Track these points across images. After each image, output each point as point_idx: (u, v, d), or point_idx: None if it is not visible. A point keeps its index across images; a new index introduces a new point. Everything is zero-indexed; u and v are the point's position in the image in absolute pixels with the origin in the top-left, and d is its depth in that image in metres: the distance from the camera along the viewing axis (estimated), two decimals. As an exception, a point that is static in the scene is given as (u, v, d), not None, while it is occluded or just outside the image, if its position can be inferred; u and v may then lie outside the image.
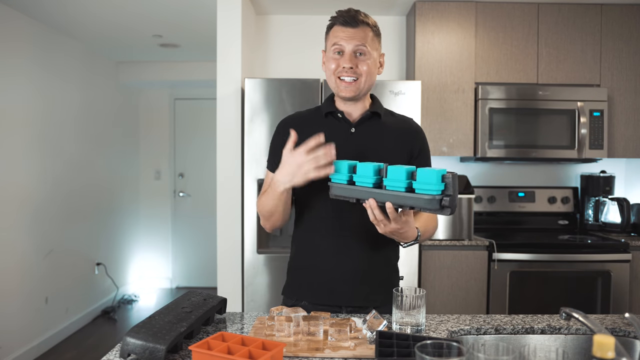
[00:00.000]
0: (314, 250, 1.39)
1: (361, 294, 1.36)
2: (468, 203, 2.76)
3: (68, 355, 3.38)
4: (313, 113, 1.45)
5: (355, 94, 1.34)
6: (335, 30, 1.34)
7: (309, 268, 1.39)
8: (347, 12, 1.34)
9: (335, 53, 1.33)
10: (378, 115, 1.41)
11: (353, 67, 1.31)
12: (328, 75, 1.36)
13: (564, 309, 1.05)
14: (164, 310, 1.10)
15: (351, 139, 1.37)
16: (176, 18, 3.31)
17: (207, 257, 4.90)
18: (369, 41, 1.33)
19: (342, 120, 1.39)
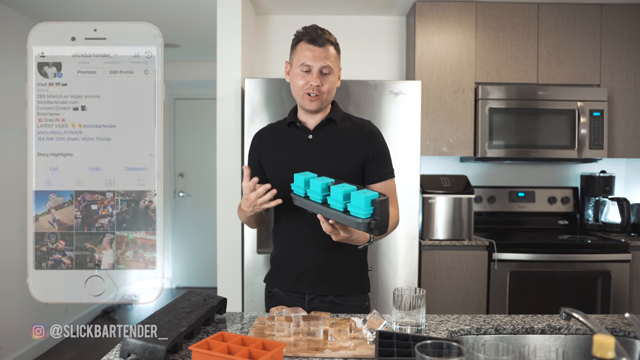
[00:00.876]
0: (280, 242, 1.57)
1: (322, 281, 1.49)
2: (468, 203, 2.76)
3: (68, 355, 3.38)
4: (281, 123, 1.59)
5: (319, 107, 1.48)
6: (302, 47, 1.47)
7: (277, 257, 1.57)
8: (313, 31, 1.47)
9: (302, 71, 1.46)
10: (334, 122, 1.52)
11: (319, 85, 1.44)
12: (295, 89, 1.48)
13: (564, 309, 1.05)
14: (164, 310, 1.10)
15: (309, 145, 1.50)
16: (176, 18, 3.31)
17: (207, 257, 4.90)
18: (332, 60, 1.47)
19: (301, 129, 1.53)
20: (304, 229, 1.48)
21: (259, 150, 1.56)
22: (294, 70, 1.49)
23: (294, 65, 1.50)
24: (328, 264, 1.50)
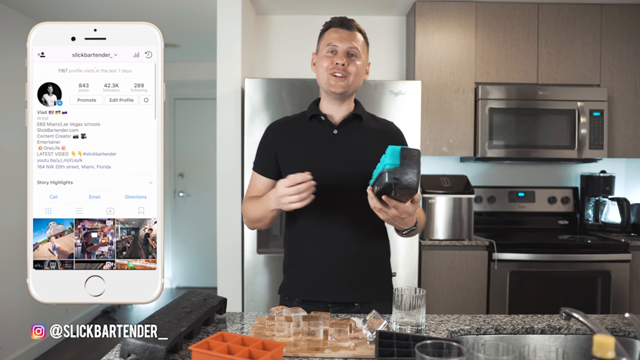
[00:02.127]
0: (300, 249, 1.45)
1: (347, 290, 1.40)
2: (468, 203, 2.76)
3: (68, 355, 3.38)
4: (299, 117, 1.52)
5: (344, 90, 1.39)
6: (329, 32, 1.42)
7: (296, 266, 1.45)
8: (342, 17, 1.44)
9: (328, 52, 1.40)
10: (360, 118, 1.46)
11: (345, 65, 1.37)
12: (320, 72, 1.41)
13: (564, 309, 1.05)
14: (164, 310, 1.10)
15: (333, 140, 1.42)
16: (176, 18, 3.31)
17: (207, 257, 4.90)
18: (360, 45, 1.41)
19: (324, 123, 1.44)
20: (326, 231, 1.40)
21: (275, 144, 1.46)
22: (320, 54, 1.43)
23: (321, 50, 1.43)
24: (354, 269, 1.40)
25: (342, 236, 1.40)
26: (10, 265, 3.08)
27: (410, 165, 1.07)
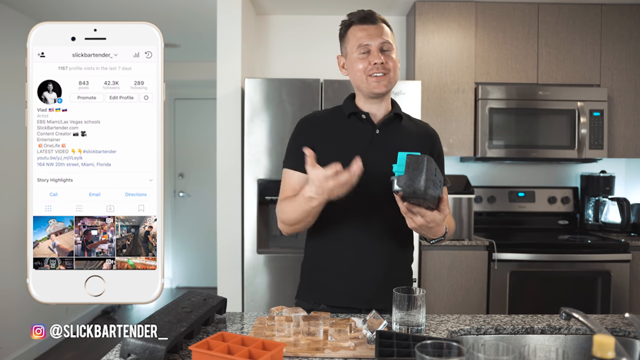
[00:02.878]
0: (333, 252, 1.37)
1: (379, 297, 1.33)
2: (468, 203, 2.76)
3: (68, 355, 3.38)
4: (334, 113, 1.43)
5: (387, 89, 1.34)
6: (354, 31, 1.34)
7: (328, 270, 1.37)
8: (362, 11, 1.36)
9: (361, 53, 1.32)
10: (399, 118, 1.41)
11: (383, 62, 1.31)
12: (357, 75, 1.34)
13: (564, 309, 1.05)
14: (164, 310, 1.10)
15: (376, 140, 1.36)
16: (176, 18, 3.31)
17: (207, 257, 4.90)
18: (391, 37, 1.35)
19: (366, 122, 1.38)
20: (365, 235, 1.34)
21: (312, 138, 1.34)
22: (351, 57, 1.34)
23: (350, 52, 1.34)
24: (389, 275, 1.35)
25: (380, 241, 1.34)
26: (10, 265, 3.08)
27: (415, 173, 1.04)
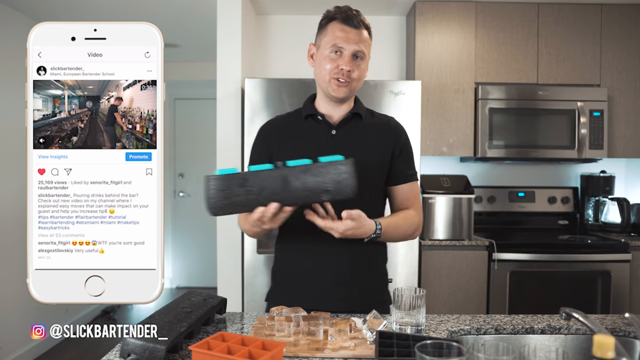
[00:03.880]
0: (298, 256, 1.37)
1: (344, 300, 1.33)
2: (468, 203, 2.76)
3: (68, 355, 3.38)
4: (293, 116, 1.43)
5: (347, 95, 1.33)
6: (334, 27, 1.32)
7: (293, 275, 1.38)
8: (348, 10, 1.32)
9: (333, 52, 1.31)
10: (359, 116, 1.39)
11: (350, 71, 1.30)
12: (322, 73, 1.33)
13: (564, 309, 1.05)
14: (164, 310, 1.10)
15: (332, 141, 1.36)
16: (176, 18, 3.31)
17: (207, 257, 4.90)
18: (366, 45, 1.33)
19: (322, 123, 1.37)
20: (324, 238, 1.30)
21: (270, 145, 1.38)
22: (322, 52, 1.32)
23: (323, 47, 1.33)
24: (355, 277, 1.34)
25: (342, 243, 1.30)
26: (10, 265, 3.08)
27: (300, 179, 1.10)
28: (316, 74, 1.36)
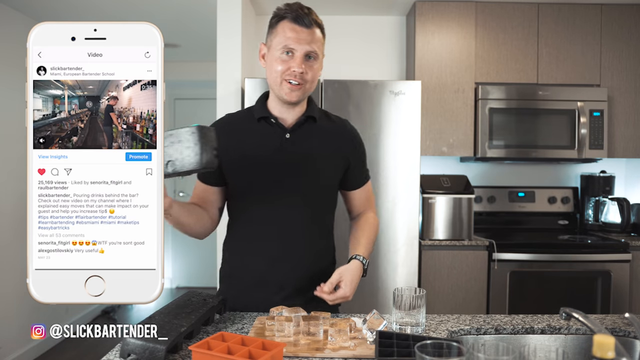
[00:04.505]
0: (248, 256, 1.34)
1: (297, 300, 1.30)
2: (468, 203, 2.76)
3: (68, 355, 3.38)
4: (245, 116, 1.37)
5: (299, 98, 1.28)
6: (284, 26, 1.26)
7: (243, 276, 1.35)
8: (300, 9, 1.27)
9: (283, 53, 1.25)
10: (313, 119, 1.35)
11: (303, 72, 1.25)
12: (273, 75, 1.27)
13: (564, 309, 1.05)
14: (164, 310, 1.10)
15: (285, 145, 1.31)
16: (176, 18, 3.31)
17: (207, 257, 4.89)
18: (319, 45, 1.28)
19: (275, 126, 1.32)
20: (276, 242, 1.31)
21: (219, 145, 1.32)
22: (273, 54, 1.27)
23: (274, 48, 1.27)
24: (305, 284, 1.31)
25: (293, 249, 1.30)
26: (10, 265, 3.08)
27: None
28: (267, 75, 1.31)
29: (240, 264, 1.35)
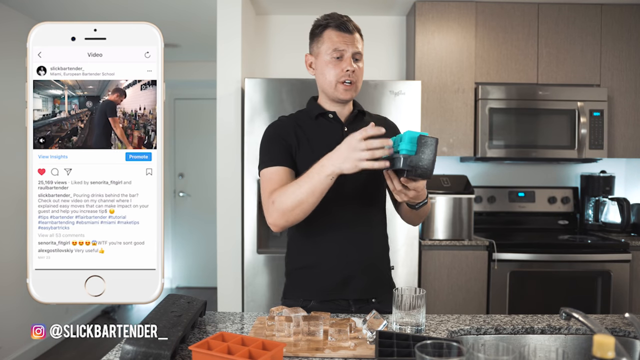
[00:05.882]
0: (318, 247, 1.40)
1: (365, 286, 1.40)
2: (468, 203, 2.76)
3: (68, 355, 3.38)
4: (300, 116, 1.46)
5: (352, 97, 1.41)
6: (330, 34, 1.38)
7: (313, 267, 1.40)
8: (339, 17, 1.40)
9: (334, 58, 1.36)
10: (362, 114, 1.48)
11: (355, 71, 1.37)
12: (328, 79, 1.37)
13: (564, 309, 1.05)
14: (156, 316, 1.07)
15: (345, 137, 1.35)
16: (176, 18, 3.31)
17: (207, 257, 4.90)
18: (361, 47, 1.41)
19: (333, 121, 1.43)
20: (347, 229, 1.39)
21: (288, 139, 1.38)
22: (323, 58, 1.38)
23: (323, 53, 1.38)
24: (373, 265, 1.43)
25: (362, 234, 1.40)
26: (10, 266, 3.08)
27: (427, 153, 1.08)
28: (320, 81, 1.41)
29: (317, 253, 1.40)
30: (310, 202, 1.24)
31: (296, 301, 1.41)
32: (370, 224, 1.43)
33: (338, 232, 1.39)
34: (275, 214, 1.28)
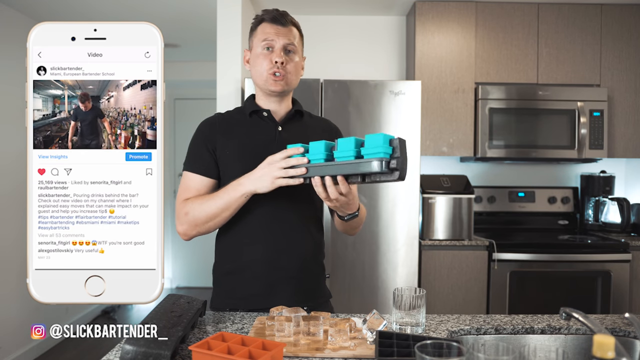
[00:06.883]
0: (241, 250, 1.34)
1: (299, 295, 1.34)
2: (468, 203, 2.76)
3: (68, 355, 3.38)
4: (235, 113, 1.43)
5: (284, 88, 1.35)
6: (264, 27, 1.36)
7: (242, 273, 1.34)
8: (276, 11, 1.37)
9: (264, 49, 1.34)
10: (300, 115, 1.44)
11: (284, 63, 1.33)
12: (259, 71, 1.35)
13: (564, 309, 1.05)
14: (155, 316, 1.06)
15: (279, 137, 1.37)
16: (176, 18, 3.31)
17: (207, 257, 4.89)
18: (297, 40, 1.38)
19: (267, 119, 1.39)
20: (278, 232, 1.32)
21: (213, 140, 1.35)
22: (255, 51, 1.36)
23: (255, 47, 1.36)
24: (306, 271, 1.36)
25: (294, 236, 1.34)
26: (10, 265, 3.08)
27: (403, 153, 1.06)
28: (253, 74, 1.38)
29: (243, 257, 1.34)
30: (224, 216, 1.27)
31: (222, 311, 1.34)
32: (300, 220, 1.36)
33: (263, 231, 1.32)
34: (186, 225, 1.31)
